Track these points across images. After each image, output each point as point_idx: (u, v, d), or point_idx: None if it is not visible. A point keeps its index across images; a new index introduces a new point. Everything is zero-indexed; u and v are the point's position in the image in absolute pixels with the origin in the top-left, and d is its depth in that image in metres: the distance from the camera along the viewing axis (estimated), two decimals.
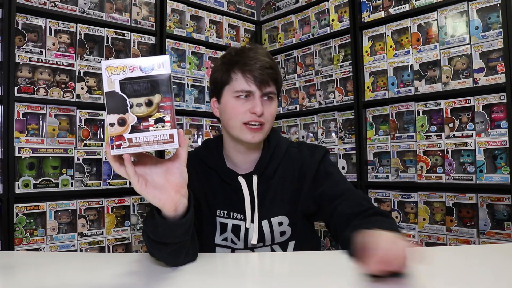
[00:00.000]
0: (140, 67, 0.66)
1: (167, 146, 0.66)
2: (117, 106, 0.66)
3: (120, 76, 0.66)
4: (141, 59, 0.67)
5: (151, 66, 0.66)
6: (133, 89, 0.66)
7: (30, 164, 1.90)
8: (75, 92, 2.03)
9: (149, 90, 0.67)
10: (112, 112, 0.66)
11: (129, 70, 0.66)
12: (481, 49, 1.88)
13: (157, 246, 0.78)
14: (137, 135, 0.65)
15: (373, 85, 2.30)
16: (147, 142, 0.65)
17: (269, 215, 1.01)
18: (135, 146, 0.65)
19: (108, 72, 0.66)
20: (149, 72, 0.66)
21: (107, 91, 0.66)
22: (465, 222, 1.92)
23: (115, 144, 0.65)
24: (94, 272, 0.85)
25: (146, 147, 0.66)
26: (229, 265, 0.87)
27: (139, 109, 0.66)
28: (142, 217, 2.23)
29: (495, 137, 1.83)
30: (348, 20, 2.39)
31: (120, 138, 0.65)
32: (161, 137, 0.66)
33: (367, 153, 2.30)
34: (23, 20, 1.90)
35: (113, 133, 0.65)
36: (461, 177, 1.93)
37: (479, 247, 1.57)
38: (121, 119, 0.65)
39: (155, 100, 0.66)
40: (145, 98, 0.66)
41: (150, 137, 0.65)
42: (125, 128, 0.65)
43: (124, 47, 2.25)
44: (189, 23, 2.54)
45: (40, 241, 1.88)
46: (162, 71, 0.67)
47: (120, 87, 0.66)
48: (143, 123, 0.66)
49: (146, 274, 0.79)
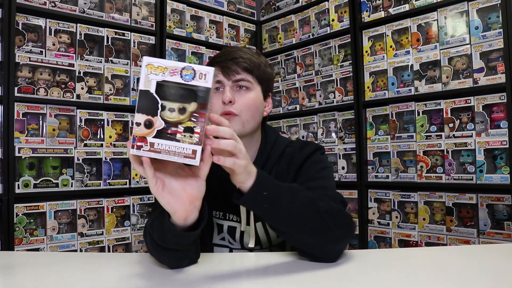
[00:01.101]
0: (181, 74, 0.63)
1: (187, 161, 0.63)
2: (147, 107, 0.63)
3: (159, 77, 0.63)
4: (184, 65, 0.64)
5: (193, 75, 0.63)
6: (169, 92, 0.63)
7: (30, 164, 1.90)
8: (75, 92, 2.03)
9: (186, 97, 0.63)
10: (141, 112, 0.63)
11: (169, 74, 0.63)
12: (481, 49, 1.88)
13: (162, 251, 0.78)
14: (160, 141, 0.63)
15: (373, 85, 2.30)
16: (168, 151, 0.63)
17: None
18: (156, 151, 0.63)
19: (147, 69, 0.63)
20: (189, 81, 0.63)
21: (142, 89, 0.64)
22: (465, 222, 1.92)
23: (136, 144, 0.63)
24: (94, 272, 0.85)
25: (165, 156, 0.63)
26: (228, 266, 0.87)
27: (171, 114, 0.63)
28: (142, 217, 2.23)
29: (495, 137, 1.83)
30: (348, 20, 2.39)
31: (142, 139, 0.63)
32: (183, 150, 0.63)
33: (367, 153, 2.30)
34: (23, 20, 1.90)
35: (137, 133, 0.63)
36: (461, 177, 1.93)
37: (479, 247, 1.57)
38: (148, 121, 0.63)
39: (190, 108, 0.63)
40: (180, 104, 0.63)
41: (172, 147, 0.63)
42: (150, 131, 0.63)
43: (124, 47, 2.25)
44: (189, 23, 2.54)
45: (40, 241, 1.88)
46: (203, 83, 0.63)
47: (156, 89, 0.63)
48: (172, 127, 0.63)
49: (146, 274, 0.79)
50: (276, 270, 0.80)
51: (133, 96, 2.24)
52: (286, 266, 0.82)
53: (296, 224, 0.78)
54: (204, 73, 0.63)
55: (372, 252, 1.09)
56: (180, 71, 0.63)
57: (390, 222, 2.19)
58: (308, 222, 0.78)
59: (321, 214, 0.79)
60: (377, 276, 0.76)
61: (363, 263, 0.84)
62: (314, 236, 0.79)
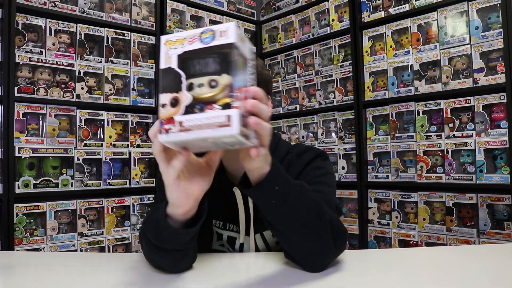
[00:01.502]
0: (200, 38, 0.55)
1: (222, 131, 0.52)
2: (170, 84, 0.56)
3: (179, 50, 0.56)
4: (203, 29, 0.56)
5: (212, 36, 0.55)
6: (193, 64, 0.55)
7: (30, 164, 1.90)
8: (75, 92, 2.03)
9: (215, 68, 0.54)
10: (165, 91, 0.56)
11: (189, 42, 0.56)
12: (481, 49, 1.88)
13: (158, 252, 0.74)
14: (189, 117, 0.54)
15: (373, 85, 2.30)
16: (200, 125, 0.53)
17: (261, 229, 0.96)
18: (186, 130, 0.53)
19: (166, 47, 0.57)
20: (210, 43, 0.55)
21: (163, 67, 0.56)
22: (465, 222, 1.92)
23: (163, 128, 0.55)
24: (94, 273, 0.85)
25: (198, 132, 0.53)
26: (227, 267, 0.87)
27: (200, 90, 0.54)
28: (142, 217, 2.23)
29: (495, 137, 1.83)
30: (348, 20, 2.39)
31: (170, 121, 0.54)
32: (216, 120, 0.52)
33: (367, 153, 2.30)
34: (23, 20, 1.90)
35: (164, 115, 0.55)
36: (461, 177, 1.93)
37: (479, 247, 1.57)
38: (174, 99, 0.55)
39: (222, 81, 0.54)
40: (209, 78, 0.54)
41: (203, 119, 0.53)
42: (177, 109, 0.54)
43: (124, 47, 2.25)
44: (189, 23, 2.54)
45: (40, 241, 1.88)
46: (225, 40, 0.54)
47: (178, 63, 0.56)
48: (206, 108, 0.54)
49: (147, 274, 0.79)
50: (276, 270, 0.80)
51: (133, 96, 2.24)
52: (285, 265, 0.82)
53: (296, 227, 0.72)
54: (224, 30, 0.55)
55: (372, 252, 1.08)
56: (199, 36, 0.56)
57: (390, 222, 2.19)
58: (309, 227, 0.72)
59: (324, 222, 0.73)
60: (377, 276, 0.76)
61: (363, 263, 0.84)
62: (311, 243, 0.74)
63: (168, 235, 0.69)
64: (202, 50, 0.55)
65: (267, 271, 0.80)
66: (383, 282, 0.72)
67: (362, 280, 0.73)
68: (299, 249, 0.76)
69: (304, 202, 0.71)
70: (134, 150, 2.22)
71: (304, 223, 0.71)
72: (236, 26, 0.55)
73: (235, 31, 0.54)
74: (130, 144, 2.21)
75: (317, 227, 0.73)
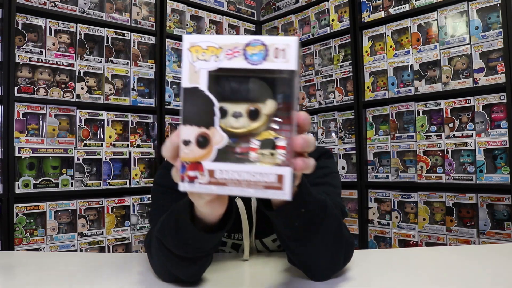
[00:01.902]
0: (245, 53, 0.40)
1: (270, 193, 0.41)
2: (198, 114, 0.42)
3: (211, 65, 0.41)
4: (249, 39, 0.41)
5: (264, 53, 0.40)
6: (230, 87, 0.42)
7: (30, 164, 1.91)
8: (75, 92, 2.03)
9: (258, 93, 0.42)
10: (189, 123, 0.42)
11: (226, 56, 0.41)
12: (481, 49, 1.88)
13: (182, 263, 0.65)
14: (224, 166, 0.41)
15: (373, 85, 2.30)
16: (239, 181, 0.41)
17: (262, 236, 0.95)
18: (219, 183, 0.41)
19: (191, 55, 0.42)
20: (259, 63, 0.40)
21: (187, 86, 0.42)
22: (465, 222, 1.92)
23: (187, 175, 0.42)
24: (95, 272, 0.85)
25: (235, 189, 0.41)
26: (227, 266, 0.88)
27: (237, 122, 0.42)
28: (142, 217, 2.23)
29: (495, 137, 1.83)
30: (348, 20, 2.39)
31: (196, 167, 0.42)
32: (262, 178, 0.40)
33: (367, 153, 2.30)
34: (23, 20, 1.90)
35: (187, 156, 0.42)
36: (461, 177, 1.93)
37: (479, 247, 1.57)
38: (203, 136, 0.42)
39: (266, 110, 0.41)
40: (249, 105, 0.41)
41: (243, 173, 0.41)
42: (206, 152, 0.42)
43: (124, 47, 2.25)
44: (189, 23, 2.54)
45: (40, 241, 1.88)
46: (283, 64, 0.40)
47: (208, 83, 0.41)
48: (241, 144, 0.42)
49: (148, 273, 0.79)
50: (275, 270, 0.80)
51: (133, 96, 2.24)
52: (285, 265, 0.82)
53: (311, 245, 0.65)
54: (282, 48, 0.40)
55: (372, 252, 1.09)
56: (244, 49, 0.41)
57: (390, 222, 2.19)
58: (325, 246, 0.66)
59: (341, 241, 0.68)
60: (377, 276, 0.76)
61: (363, 263, 0.84)
62: (322, 259, 0.69)
63: (195, 241, 0.60)
64: (245, 70, 0.41)
65: (267, 271, 0.80)
66: (383, 282, 0.72)
67: (362, 279, 0.73)
68: (307, 262, 0.71)
69: (327, 224, 0.65)
70: (134, 150, 2.22)
71: (321, 242, 0.65)
72: (298, 43, 0.41)
73: (296, 52, 0.40)
74: (130, 144, 2.21)
75: (333, 246, 0.68)
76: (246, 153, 0.42)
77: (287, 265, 0.82)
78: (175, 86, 2.44)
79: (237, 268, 0.84)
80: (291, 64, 0.40)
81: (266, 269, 0.82)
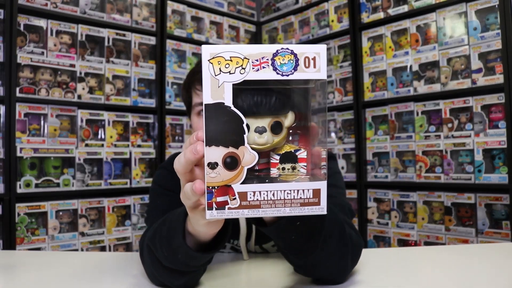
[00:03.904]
0: (274, 64, 0.37)
1: (307, 210, 0.38)
2: (224, 133, 0.38)
3: (236, 77, 0.37)
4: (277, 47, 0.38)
5: (294, 63, 0.37)
6: (253, 100, 0.39)
7: (32, 164, 1.91)
8: (76, 92, 2.04)
9: (280, 104, 0.39)
10: (215, 143, 0.38)
11: (253, 67, 0.37)
12: (480, 50, 1.89)
13: (172, 274, 0.63)
14: (256, 187, 0.38)
15: (372, 85, 2.31)
16: (274, 201, 0.38)
17: (261, 242, 0.95)
18: (252, 207, 0.38)
19: (213, 67, 0.37)
20: (290, 74, 0.37)
21: (209, 102, 0.37)
22: (464, 221, 1.93)
23: (215, 201, 0.38)
24: (96, 271, 0.86)
25: (269, 210, 0.38)
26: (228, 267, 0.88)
27: (261, 138, 0.39)
28: (143, 217, 2.24)
29: (493, 137, 1.84)
30: (347, 21, 2.40)
31: (225, 191, 0.38)
32: (297, 194, 0.38)
33: (367, 153, 2.31)
34: (25, 21, 1.90)
35: (214, 181, 0.38)
36: (459, 177, 1.94)
37: (477, 246, 1.58)
38: (230, 157, 0.38)
39: (287, 122, 0.39)
40: (271, 119, 0.39)
41: (279, 193, 0.37)
42: (236, 174, 0.38)
43: (125, 47, 2.25)
44: (189, 24, 2.54)
45: (42, 241, 1.89)
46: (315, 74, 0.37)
47: (233, 98, 0.37)
48: (259, 160, 0.39)
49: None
50: (275, 269, 0.81)
51: (134, 97, 2.25)
52: (284, 265, 0.82)
53: (312, 254, 0.61)
54: (312, 57, 0.37)
55: (371, 252, 1.09)
56: (272, 59, 0.37)
57: (389, 222, 2.20)
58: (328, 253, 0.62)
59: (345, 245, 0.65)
60: (376, 275, 0.77)
61: (362, 263, 0.85)
62: (327, 268, 0.66)
63: (185, 257, 0.58)
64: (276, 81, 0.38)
65: (266, 271, 0.81)
66: (382, 282, 0.73)
67: (362, 279, 0.74)
68: (313, 273, 0.68)
69: (327, 233, 0.61)
70: (134, 150, 2.23)
71: (322, 251, 0.62)
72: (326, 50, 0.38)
73: (325, 60, 0.38)
74: (130, 144, 2.22)
75: (338, 252, 0.64)
76: (267, 169, 0.38)
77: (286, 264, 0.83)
78: (176, 87, 2.45)
79: (237, 268, 0.84)
80: (322, 74, 0.38)
81: (266, 269, 0.83)
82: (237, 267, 0.83)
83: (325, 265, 0.64)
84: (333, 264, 0.65)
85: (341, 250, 0.65)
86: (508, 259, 0.87)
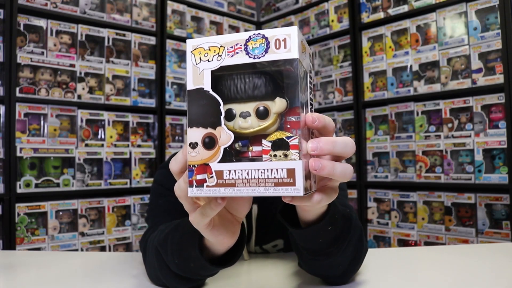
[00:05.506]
0: (246, 48, 0.40)
1: (282, 191, 0.38)
2: (203, 115, 0.41)
3: (214, 64, 0.41)
4: (249, 33, 0.40)
5: (265, 45, 0.39)
6: (235, 86, 0.41)
7: (32, 164, 1.91)
8: (76, 92, 2.04)
9: (266, 90, 0.40)
10: (195, 125, 0.41)
11: (228, 53, 0.40)
12: (480, 50, 1.89)
13: (180, 280, 0.63)
14: (230, 165, 0.39)
15: (372, 85, 2.31)
16: (248, 180, 0.39)
17: (262, 243, 0.95)
18: (227, 185, 0.40)
19: (195, 57, 0.41)
20: (262, 56, 0.39)
21: (191, 88, 0.41)
22: (464, 221, 1.93)
23: (195, 179, 0.41)
24: (96, 271, 0.86)
25: (244, 190, 0.39)
26: None
27: (245, 123, 0.40)
28: (143, 217, 2.24)
29: (493, 137, 1.84)
30: (347, 21, 2.40)
31: (204, 169, 0.40)
32: (272, 174, 0.38)
33: (367, 153, 2.31)
34: (25, 21, 1.90)
35: (194, 159, 0.41)
36: (459, 177, 1.94)
37: (477, 246, 1.58)
38: (209, 137, 0.40)
39: (275, 108, 0.39)
40: (257, 104, 0.40)
41: (253, 171, 0.39)
42: (213, 153, 0.40)
43: (124, 47, 2.25)
44: (189, 24, 2.55)
45: (42, 241, 1.89)
46: (284, 53, 0.39)
47: (212, 83, 0.41)
48: (252, 146, 0.40)
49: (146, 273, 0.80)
50: (275, 269, 0.81)
51: (134, 97, 2.25)
52: (285, 265, 0.82)
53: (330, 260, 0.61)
54: (282, 38, 0.39)
55: (371, 252, 1.09)
56: (245, 44, 0.40)
57: (389, 222, 2.20)
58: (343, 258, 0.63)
59: (360, 254, 0.66)
60: (376, 275, 0.77)
61: (363, 263, 0.85)
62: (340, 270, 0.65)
63: (197, 267, 0.58)
64: (248, 65, 0.40)
65: (266, 271, 0.81)
66: (382, 282, 0.73)
67: (361, 279, 0.74)
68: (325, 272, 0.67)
69: (350, 238, 0.61)
70: (134, 150, 2.23)
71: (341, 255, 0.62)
72: (299, 31, 0.40)
73: (298, 40, 0.39)
74: (130, 144, 2.22)
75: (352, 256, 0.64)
76: (259, 155, 0.39)
77: (287, 265, 0.83)
78: (176, 87, 2.45)
79: (238, 268, 0.85)
80: (293, 53, 0.38)
81: (267, 270, 0.83)
82: (237, 267, 0.83)
83: (337, 267, 0.65)
84: (346, 266, 0.65)
85: (357, 254, 0.66)
86: (508, 259, 0.87)
